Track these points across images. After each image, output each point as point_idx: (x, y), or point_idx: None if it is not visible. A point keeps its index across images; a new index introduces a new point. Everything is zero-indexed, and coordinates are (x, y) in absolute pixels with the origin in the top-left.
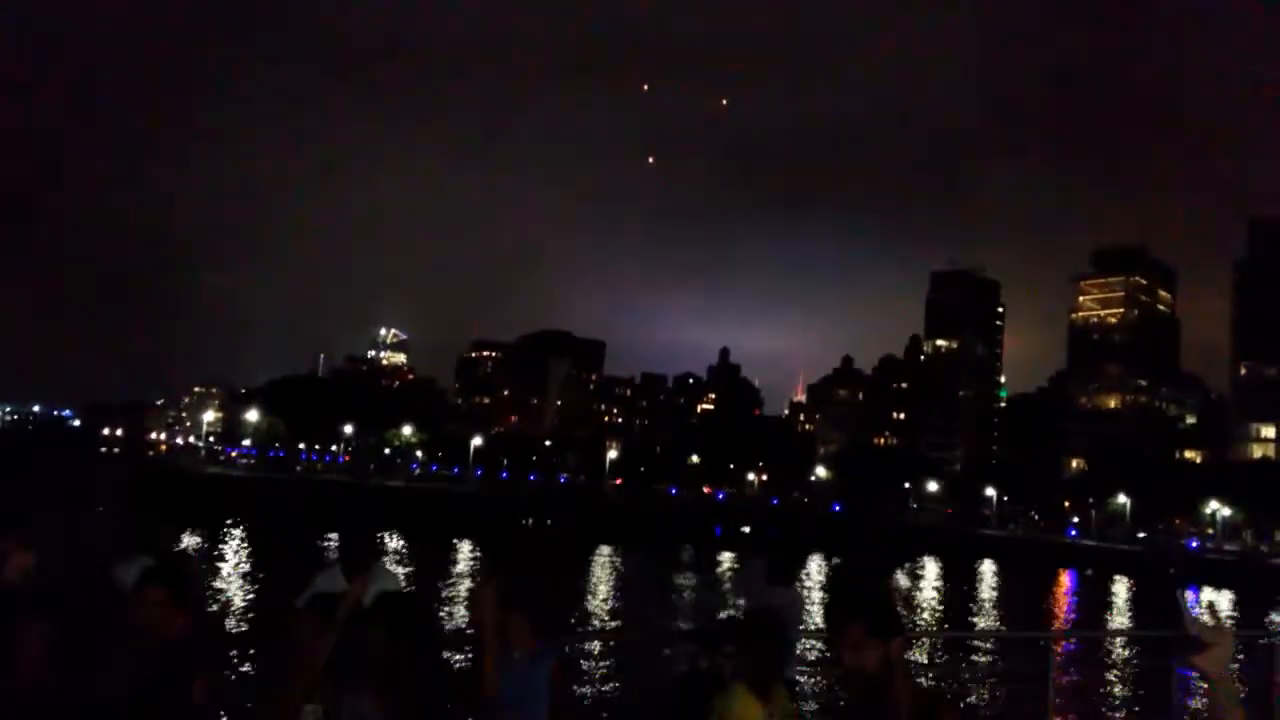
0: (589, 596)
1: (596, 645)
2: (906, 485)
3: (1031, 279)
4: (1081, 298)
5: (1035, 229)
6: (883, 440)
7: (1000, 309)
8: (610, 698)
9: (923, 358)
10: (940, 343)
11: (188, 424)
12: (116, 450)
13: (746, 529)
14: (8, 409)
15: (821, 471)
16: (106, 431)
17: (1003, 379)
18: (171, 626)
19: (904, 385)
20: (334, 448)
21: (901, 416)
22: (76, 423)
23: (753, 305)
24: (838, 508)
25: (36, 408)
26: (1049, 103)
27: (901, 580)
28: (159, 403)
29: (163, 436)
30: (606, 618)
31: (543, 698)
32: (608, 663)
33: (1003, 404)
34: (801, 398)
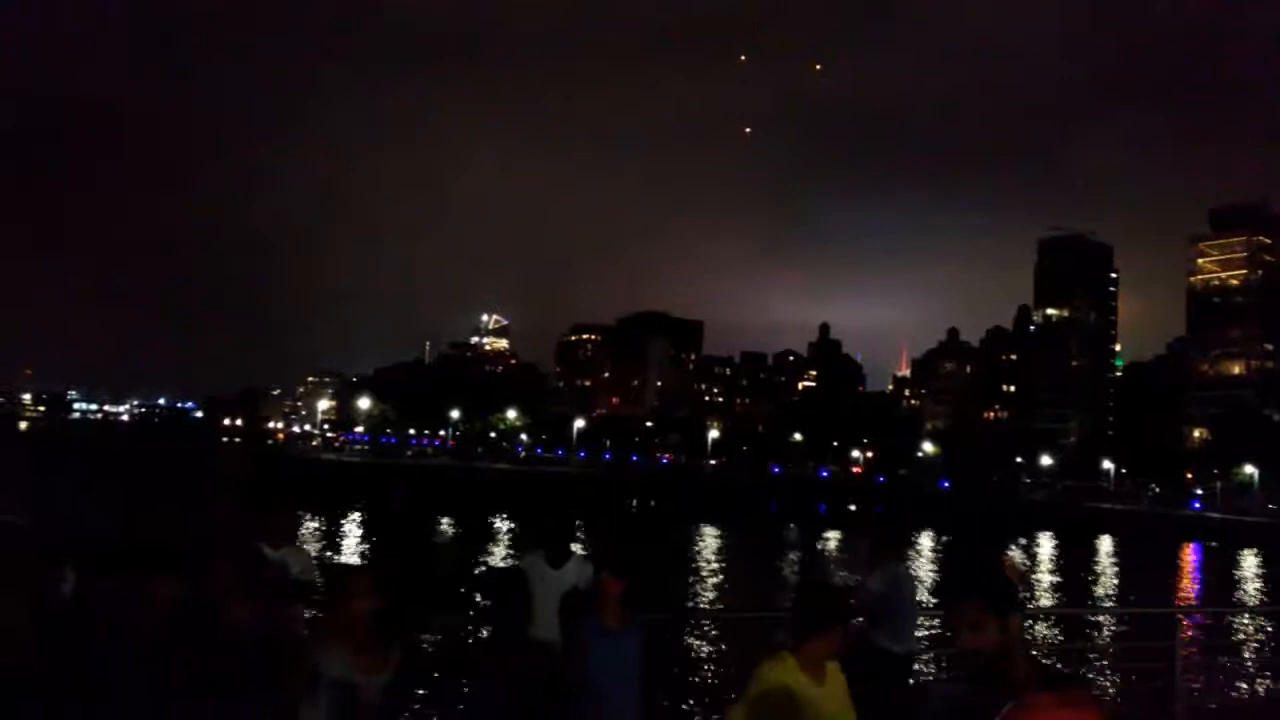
0: (691, 574)
1: (705, 623)
2: (1018, 460)
3: (1146, 242)
4: (1200, 259)
5: (1148, 190)
6: (992, 414)
7: (1113, 274)
8: (706, 674)
9: (1032, 328)
10: (1050, 312)
11: (303, 412)
12: (237, 439)
13: (852, 506)
14: (135, 402)
15: (928, 447)
16: (227, 422)
17: (1118, 347)
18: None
19: (1013, 357)
20: (442, 432)
21: (1011, 389)
22: (199, 414)
23: (853, 279)
24: (946, 484)
25: (161, 400)
26: (1159, 56)
27: (1016, 557)
28: (275, 393)
29: (280, 425)
30: (710, 595)
31: (636, 669)
32: (705, 639)
33: (1119, 373)
34: (905, 372)
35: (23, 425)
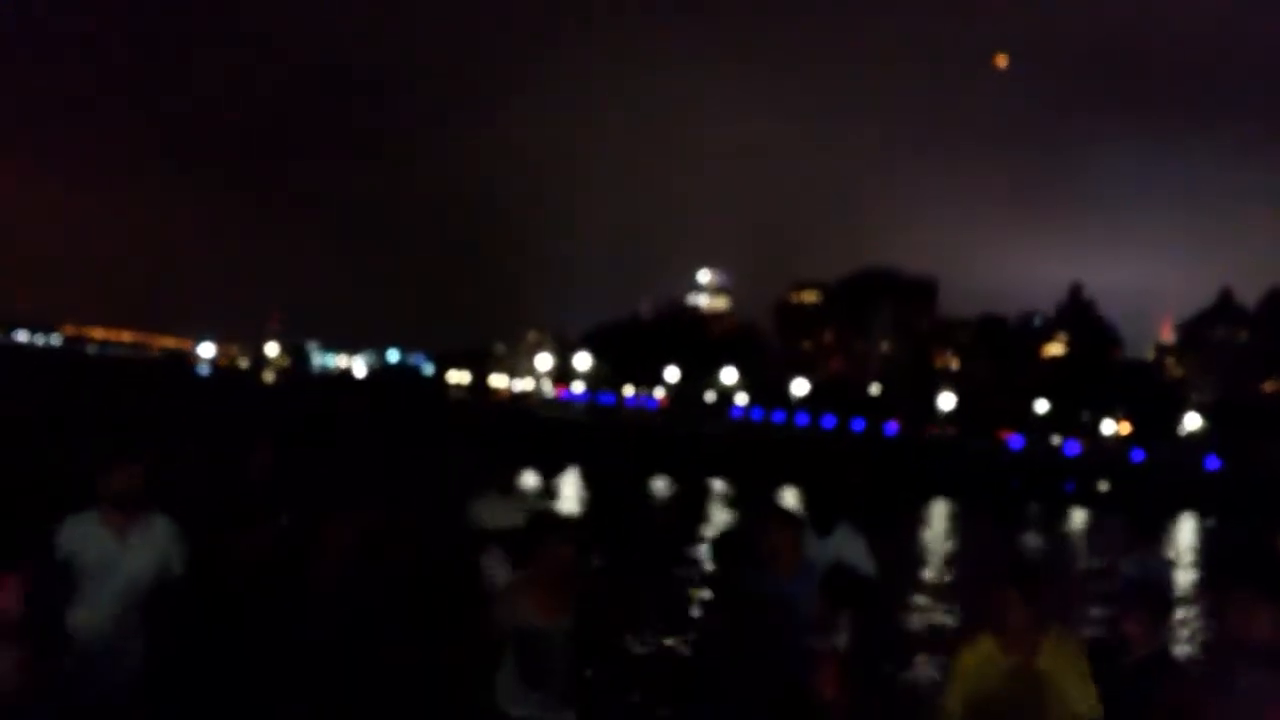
0: (916, 551)
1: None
2: None
3: None
4: None
5: None
6: (1271, 386)
7: None
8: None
9: None
10: None
11: (524, 369)
12: (465, 393)
13: (1104, 485)
14: (369, 355)
15: (1194, 422)
16: (453, 376)
17: None
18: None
19: None
20: (658, 392)
21: None
22: (429, 369)
23: (1110, 233)
24: (1214, 462)
25: (394, 356)
26: None
27: None
28: (499, 348)
29: (503, 381)
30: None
31: (807, 608)
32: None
33: None
34: (1169, 338)
35: (269, 377)
